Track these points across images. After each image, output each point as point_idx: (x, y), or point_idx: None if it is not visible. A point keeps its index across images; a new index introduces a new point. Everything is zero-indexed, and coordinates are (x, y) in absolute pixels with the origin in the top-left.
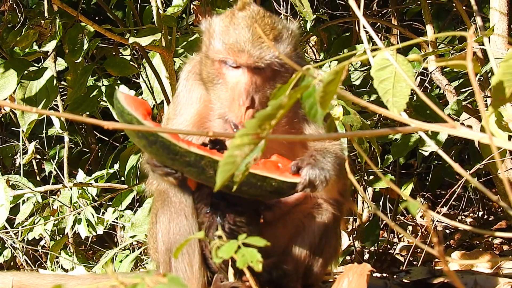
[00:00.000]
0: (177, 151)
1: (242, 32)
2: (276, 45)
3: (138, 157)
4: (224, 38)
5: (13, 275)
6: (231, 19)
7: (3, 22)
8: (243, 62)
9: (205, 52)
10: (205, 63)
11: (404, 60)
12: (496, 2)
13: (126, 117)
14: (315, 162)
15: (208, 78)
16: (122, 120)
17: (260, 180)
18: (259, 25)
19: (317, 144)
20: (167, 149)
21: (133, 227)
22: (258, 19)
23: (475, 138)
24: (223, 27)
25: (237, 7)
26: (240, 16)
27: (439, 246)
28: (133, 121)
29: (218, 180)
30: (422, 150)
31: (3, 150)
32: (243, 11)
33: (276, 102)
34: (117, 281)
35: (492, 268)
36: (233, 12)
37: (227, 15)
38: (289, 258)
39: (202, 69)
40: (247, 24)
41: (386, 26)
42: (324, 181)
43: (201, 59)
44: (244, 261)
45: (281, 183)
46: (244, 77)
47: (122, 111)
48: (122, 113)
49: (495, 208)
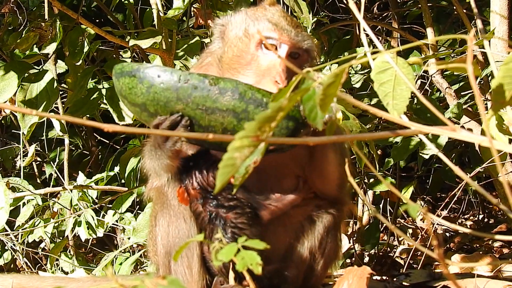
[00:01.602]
0: (179, 74)
1: (282, 17)
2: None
3: (139, 160)
4: (266, 19)
5: (13, 277)
6: (265, 9)
7: (3, 24)
8: (287, 40)
9: (239, 34)
10: (235, 46)
11: (404, 63)
12: (496, 6)
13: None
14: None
15: (237, 60)
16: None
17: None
18: (291, 18)
19: None
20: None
21: (134, 232)
22: (287, 15)
23: (475, 141)
24: (260, 13)
25: (266, 2)
26: (273, 9)
27: (438, 249)
28: (134, 66)
29: (217, 183)
30: (422, 153)
31: (3, 153)
32: (273, 6)
33: (276, 104)
34: (117, 283)
35: (492, 271)
36: (262, 6)
37: (257, 8)
38: (290, 262)
39: (229, 52)
40: (283, 13)
41: (387, 29)
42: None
43: (228, 44)
44: (243, 264)
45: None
46: (281, 59)
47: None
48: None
49: (495, 211)
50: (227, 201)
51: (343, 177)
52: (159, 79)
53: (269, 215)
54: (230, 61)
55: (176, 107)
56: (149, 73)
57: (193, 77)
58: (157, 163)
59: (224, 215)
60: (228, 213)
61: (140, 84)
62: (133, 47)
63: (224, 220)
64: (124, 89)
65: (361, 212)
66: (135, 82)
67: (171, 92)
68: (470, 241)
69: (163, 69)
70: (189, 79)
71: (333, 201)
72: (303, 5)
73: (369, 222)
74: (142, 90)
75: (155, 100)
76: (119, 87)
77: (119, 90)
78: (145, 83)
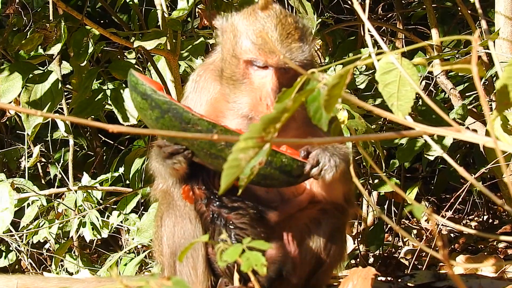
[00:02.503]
0: (189, 118)
1: (272, 29)
2: (302, 45)
3: (143, 161)
4: (252, 38)
5: (18, 278)
6: (256, 18)
7: (8, 25)
8: (273, 63)
9: (230, 50)
10: (229, 62)
11: (409, 64)
12: (501, 6)
13: (140, 87)
14: (326, 148)
15: (232, 77)
16: (136, 93)
17: (271, 155)
18: (283, 25)
19: None
20: (179, 118)
21: (139, 232)
22: (282, 19)
23: (480, 142)
24: (248, 26)
25: (258, 6)
26: (264, 15)
27: (443, 249)
28: (146, 91)
29: (222, 184)
30: (427, 155)
31: (8, 154)
32: (265, 11)
33: (280, 105)
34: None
35: (497, 272)
36: (255, 10)
37: (249, 14)
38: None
39: (225, 67)
40: (273, 24)
41: (391, 30)
42: (333, 167)
43: (224, 58)
44: (248, 264)
45: (291, 160)
46: (272, 77)
47: (136, 83)
48: (136, 85)
49: (499, 212)
50: (231, 202)
51: (349, 189)
52: (169, 115)
53: (277, 218)
54: (227, 78)
55: (181, 142)
56: (159, 105)
57: (201, 124)
58: (163, 168)
59: (226, 216)
60: (230, 214)
61: (150, 111)
62: (137, 48)
63: (225, 221)
64: (135, 104)
65: (365, 213)
66: (145, 106)
67: (179, 130)
68: (474, 242)
69: (174, 105)
70: (198, 124)
71: (339, 205)
72: (308, 6)
73: (374, 223)
74: (152, 117)
75: (162, 129)
76: (132, 97)
77: (132, 100)
78: (155, 113)
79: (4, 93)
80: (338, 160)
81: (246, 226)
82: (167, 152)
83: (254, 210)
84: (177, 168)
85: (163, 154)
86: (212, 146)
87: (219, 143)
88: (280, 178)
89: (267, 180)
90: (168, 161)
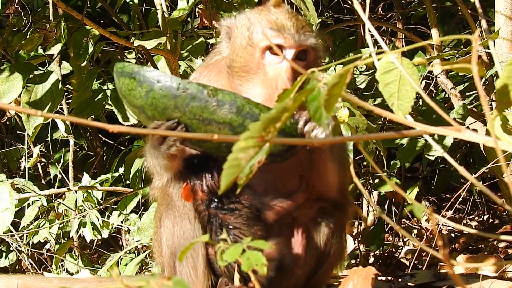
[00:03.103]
0: (179, 83)
1: (286, 19)
2: (315, 36)
3: (143, 161)
4: (269, 25)
5: (18, 278)
6: (270, 12)
7: (8, 25)
8: (293, 44)
9: (243, 41)
10: (242, 53)
11: (410, 63)
12: (501, 6)
13: (127, 68)
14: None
15: (244, 69)
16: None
17: (264, 110)
18: (296, 19)
19: None
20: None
21: (139, 231)
22: (294, 14)
23: (480, 141)
24: (264, 17)
25: (271, 3)
26: (277, 10)
27: (444, 249)
28: (134, 68)
29: (222, 183)
30: (428, 155)
31: (8, 154)
32: (277, 7)
33: (280, 105)
34: (122, 284)
35: (497, 271)
36: (267, 6)
37: (262, 9)
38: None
39: (237, 60)
40: (287, 16)
41: (391, 30)
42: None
43: (235, 51)
44: (249, 264)
45: None
46: (288, 66)
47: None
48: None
49: (500, 211)
50: (228, 204)
51: (344, 182)
52: (158, 85)
53: (275, 216)
54: (239, 69)
55: (173, 114)
56: (148, 77)
57: (192, 87)
58: (157, 162)
59: (222, 216)
60: (226, 214)
61: (139, 88)
62: (137, 47)
63: (220, 220)
64: (123, 89)
65: (366, 212)
66: (134, 85)
67: (169, 99)
68: (475, 241)
69: (162, 75)
70: (188, 88)
71: (337, 203)
72: (309, 3)
73: (374, 223)
74: (141, 94)
75: (153, 105)
76: (119, 86)
77: (119, 89)
78: (144, 87)
79: (4, 93)
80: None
81: (241, 225)
82: (160, 134)
83: (250, 210)
84: (173, 152)
85: (156, 142)
86: (204, 109)
87: (211, 103)
88: None
89: None
90: (163, 147)
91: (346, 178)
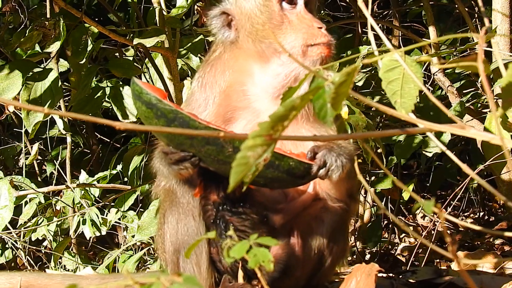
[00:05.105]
0: (196, 126)
1: None
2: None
3: (141, 158)
4: None
5: (21, 275)
6: None
7: (4, 23)
8: None
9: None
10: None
11: (413, 61)
12: (498, 4)
13: (145, 97)
14: (331, 148)
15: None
16: (140, 102)
17: (278, 159)
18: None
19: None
20: (186, 126)
21: (139, 229)
22: None
23: (485, 138)
24: None
25: None
26: None
27: (452, 246)
28: (151, 100)
29: (231, 182)
30: (426, 151)
31: (5, 151)
32: None
33: (288, 103)
34: (132, 281)
35: (495, 268)
36: None
37: None
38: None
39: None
40: None
41: (388, 27)
42: (339, 167)
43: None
44: (256, 261)
45: (298, 163)
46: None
47: (141, 92)
48: (141, 94)
49: (495, 208)
50: (235, 208)
51: (353, 185)
52: (175, 123)
53: (282, 220)
54: (263, 31)
55: (189, 149)
56: (165, 114)
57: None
58: (165, 170)
59: (228, 218)
60: (233, 217)
61: (156, 120)
62: (136, 45)
63: (225, 223)
64: (140, 113)
65: (362, 210)
66: (151, 115)
67: (186, 138)
68: (471, 238)
69: (180, 114)
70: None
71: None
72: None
73: (370, 220)
74: (158, 125)
75: (169, 137)
76: (136, 106)
77: (136, 108)
78: (160, 122)
79: (4, 91)
80: (344, 160)
81: (247, 228)
82: (173, 159)
83: (257, 216)
84: (184, 174)
85: (169, 161)
86: (220, 153)
87: (227, 149)
88: (288, 180)
89: (275, 182)
90: (175, 167)
91: (354, 183)
